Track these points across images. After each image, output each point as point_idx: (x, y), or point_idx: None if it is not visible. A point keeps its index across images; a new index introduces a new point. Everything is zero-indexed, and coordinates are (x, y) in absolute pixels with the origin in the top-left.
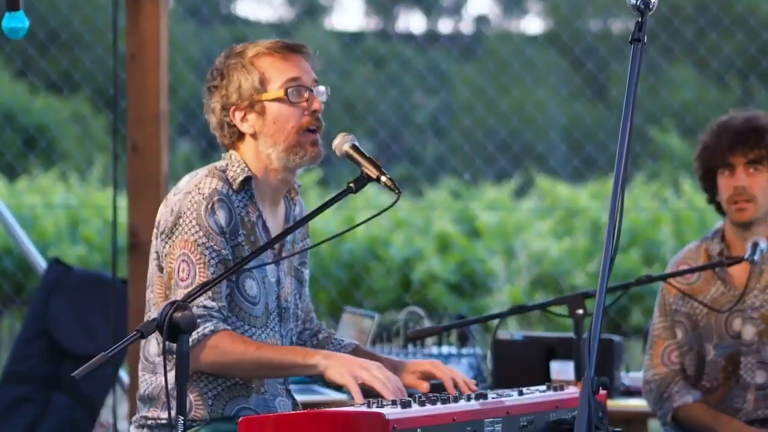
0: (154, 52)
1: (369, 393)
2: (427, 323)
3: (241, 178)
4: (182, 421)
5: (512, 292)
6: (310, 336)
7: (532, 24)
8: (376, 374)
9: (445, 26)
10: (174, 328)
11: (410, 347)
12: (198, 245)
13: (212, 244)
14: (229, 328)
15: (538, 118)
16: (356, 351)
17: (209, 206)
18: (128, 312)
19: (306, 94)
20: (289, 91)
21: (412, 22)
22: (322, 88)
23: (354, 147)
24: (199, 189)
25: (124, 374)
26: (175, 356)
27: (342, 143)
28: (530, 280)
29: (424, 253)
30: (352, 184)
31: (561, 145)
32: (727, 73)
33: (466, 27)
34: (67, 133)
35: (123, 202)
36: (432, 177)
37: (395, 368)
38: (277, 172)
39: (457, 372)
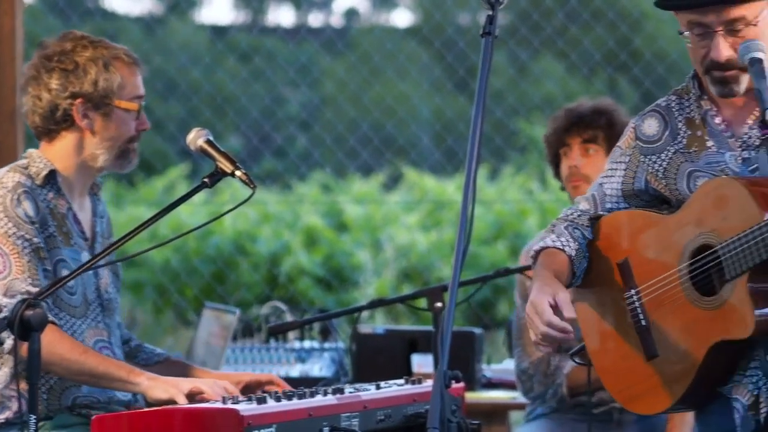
0: (9, 47)
1: None
2: (289, 318)
3: (44, 172)
4: (34, 419)
5: (379, 286)
6: (122, 343)
7: (402, 17)
8: (199, 382)
9: (314, 20)
10: (25, 325)
11: (272, 342)
12: (9, 236)
13: (23, 233)
14: (54, 320)
15: (408, 111)
16: (168, 361)
17: (14, 198)
18: None
19: (142, 112)
20: (139, 105)
21: (282, 15)
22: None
23: (208, 142)
24: (2, 183)
25: None
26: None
27: (196, 138)
28: (397, 273)
29: (292, 247)
30: (206, 179)
31: (430, 138)
32: (590, 65)
33: (336, 20)
34: None
35: None
36: (301, 171)
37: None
38: (92, 170)
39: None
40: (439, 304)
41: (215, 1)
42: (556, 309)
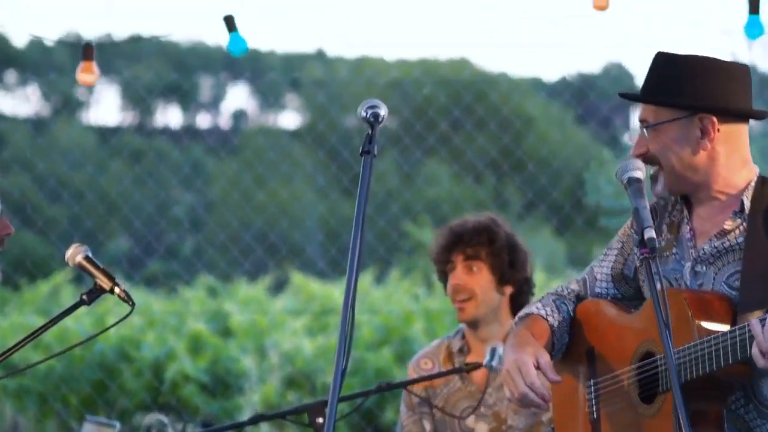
0: None
1: None
2: (170, 431)
3: None
4: None
5: (264, 392)
6: None
7: (290, 119)
8: None
9: (203, 120)
10: None
11: None
12: None
13: None
14: None
15: (294, 216)
16: None
17: None
18: None
19: (4, 216)
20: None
21: (170, 116)
22: None
23: (87, 258)
24: None
25: None
26: None
27: (75, 254)
28: (282, 379)
29: (177, 353)
30: (85, 296)
31: (316, 243)
32: (475, 173)
33: (224, 121)
34: None
35: None
36: (188, 273)
37: None
38: None
39: None
40: (320, 420)
41: (103, 102)
42: (538, 371)
